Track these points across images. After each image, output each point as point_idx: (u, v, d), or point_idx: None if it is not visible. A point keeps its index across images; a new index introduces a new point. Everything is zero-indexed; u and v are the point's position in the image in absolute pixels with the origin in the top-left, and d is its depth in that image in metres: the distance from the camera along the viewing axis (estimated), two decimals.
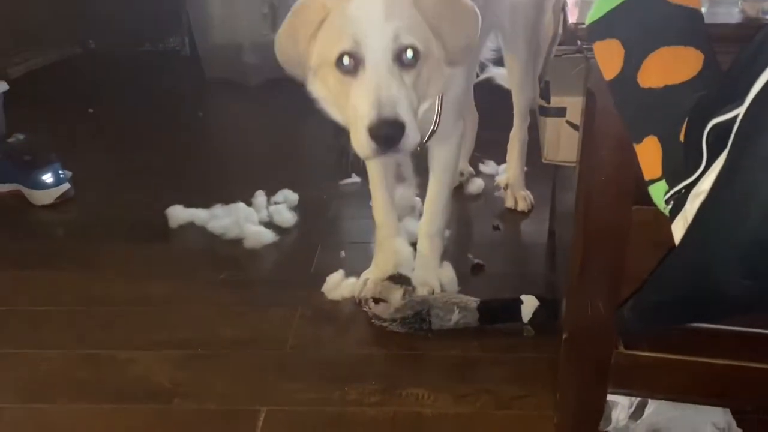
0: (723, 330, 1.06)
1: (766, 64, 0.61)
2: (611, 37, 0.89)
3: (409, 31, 1.21)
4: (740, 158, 0.65)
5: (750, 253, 0.65)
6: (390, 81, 1.18)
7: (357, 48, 1.20)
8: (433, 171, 1.62)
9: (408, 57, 1.22)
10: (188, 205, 2.14)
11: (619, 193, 1.04)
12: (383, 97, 1.17)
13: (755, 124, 0.63)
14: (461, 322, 1.54)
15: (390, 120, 1.16)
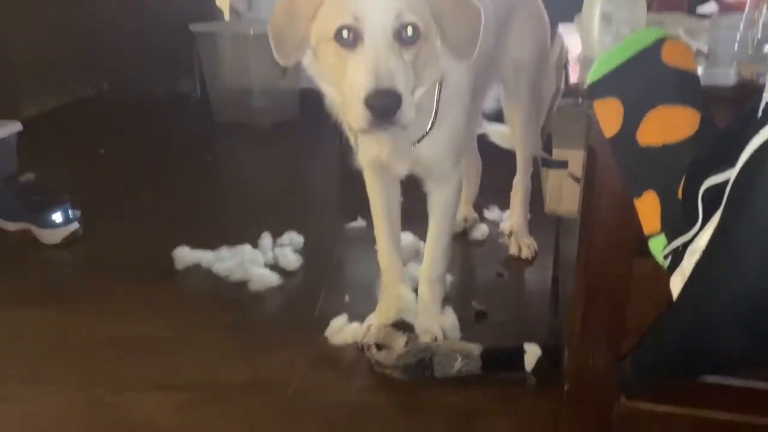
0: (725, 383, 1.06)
1: (755, 131, 0.64)
2: (611, 96, 0.93)
3: (411, 9, 1.21)
4: (732, 220, 0.67)
5: (744, 311, 0.67)
6: (389, 55, 1.18)
7: (357, 22, 1.19)
8: (432, 215, 1.64)
9: (408, 34, 1.21)
10: (195, 247, 2.16)
11: (619, 245, 1.06)
12: (381, 69, 1.16)
13: (745, 189, 0.65)
14: (464, 370, 1.54)
15: (387, 90, 1.16)
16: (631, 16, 1.17)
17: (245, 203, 2.74)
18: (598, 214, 1.07)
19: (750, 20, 0.98)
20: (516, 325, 1.79)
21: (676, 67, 0.90)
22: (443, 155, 1.50)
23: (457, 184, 1.62)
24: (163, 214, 2.55)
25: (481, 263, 2.18)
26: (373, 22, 1.19)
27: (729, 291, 0.67)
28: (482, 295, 1.91)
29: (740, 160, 0.66)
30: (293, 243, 2.22)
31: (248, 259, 2.09)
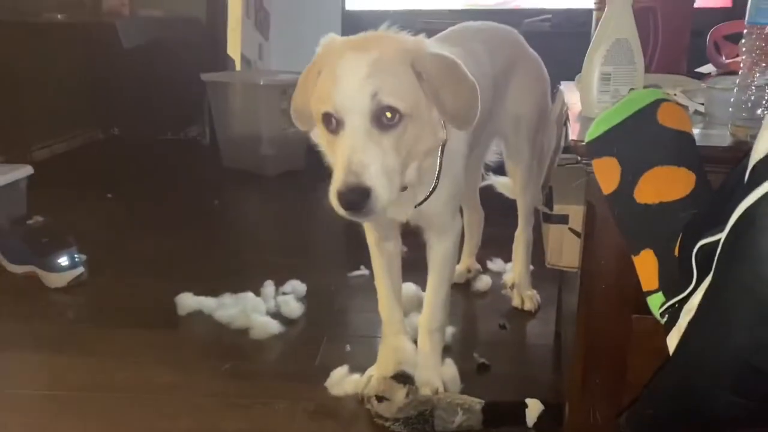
0: None
1: (744, 196, 0.65)
2: (608, 155, 0.95)
3: (391, 91, 1.21)
4: (721, 281, 0.68)
5: (736, 371, 0.67)
6: (365, 145, 1.20)
7: (337, 110, 1.22)
8: (432, 266, 1.65)
9: (388, 117, 1.22)
10: (198, 293, 2.16)
11: (619, 301, 1.07)
12: (354, 164, 1.18)
13: (732, 253, 0.67)
14: (465, 425, 1.52)
15: (355, 187, 1.17)
16: (629, 76, 1.21)
17: (249, 250, 2.75)
18: (598, 270, 1.08)
19: (743, 84, 1.00)
20: (518, 379, 1.77)
21: (671, 128, 0.92)
22: (442, 210, 1.52)
23: (456, 235, 1.63)
24: (167, 260, 2.57)
25: (483, 315, 2.17)
26: (351, 110, 1.21)
27: (719, 350, 0.68)
28: (484, 347, 1.90)
29: (729, 223, 0.67)
30: (296, 291, 2.23)
31: (250, 307, 2.09)
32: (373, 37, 1.33)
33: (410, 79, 1.26)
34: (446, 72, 1.29)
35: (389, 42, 1.30)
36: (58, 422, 1.59)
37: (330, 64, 1.26)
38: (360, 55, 1.23)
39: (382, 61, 1.23)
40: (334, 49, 1.29)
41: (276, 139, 3.72)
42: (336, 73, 1.23)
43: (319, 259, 2.66)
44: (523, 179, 2.02)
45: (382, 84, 1.21)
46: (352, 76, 1.21)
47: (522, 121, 1.93)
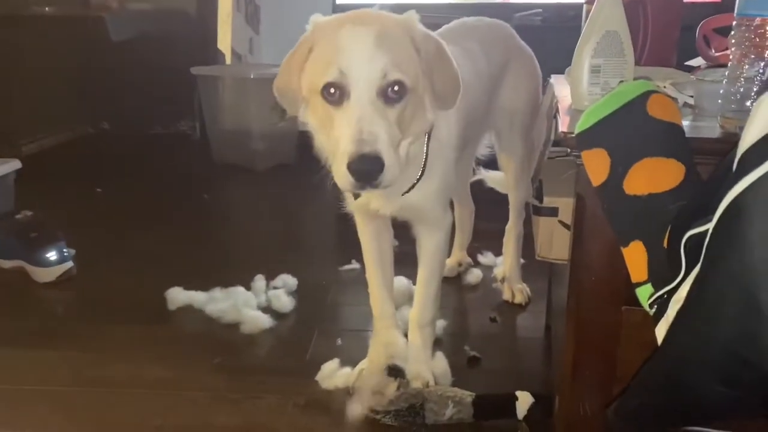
0: None
1: (731, 185, 0.65)
2: (598, 147, 0.95)
3: (398, 65, 1.20)
4: (709, 273, 0.69)
5: (723, 361, 0.68)
6: (372, 116, 1.18)
7: (342, 79, 1.19)
8: (422, 260, 1.64)
9: (394, 91, 1.21)
10: (188, 288, 2.16)
11: (608, 293, 1.07)
12: (364, 133, 1.16)
13: (720, 243, 0.67)
14: (455, 417, 1.53)
15: (369, 156, 1.15)
16: (619, 68, 1.21)
17: (240, 244, 2.75)
18: (588, 262, 1.08)
19: (733, 76, 1.01)
20: (508, 372, 1.78)
21: (661, 120, 0.93)
22: (432, 203, 1.51)
23: (447, 230, 1.62)
24: (158, 254, 2.56)
25: (474, 308, 2.18)
26: (359, 80, 1.19)
27: (707, 341, 0.68)
28: (475, 340, 1.90)
29: (717, 213, 0.67)
30: (287, 285, 2.22)
31: (241, 301, 2.08)
32: (366, 13, 1.31)
33: (412, 53, 1.26)
34: (437, 52, 1.31)
35: (385, 17, 1.29)
36: (47, 418, 1.58)
37: (327, 37, 1.24)
38: (362, 27, 1.22)
39: (386, 33, 1.22)
40: (328, 25, 1.27)
41: (266, 133, 3.70)
42: (339, 44, 1.20)
43: (310, 253, 2.66)
44: (516, 173, 2.02)
45: (392, 57, 1.19)
46: (360, 46, 1.19)
47: (516, 116, 1.93)
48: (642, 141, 0.92)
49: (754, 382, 0.67)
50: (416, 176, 1.43)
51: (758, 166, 0.63)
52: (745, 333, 0.65)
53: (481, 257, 2.44)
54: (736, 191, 0.64)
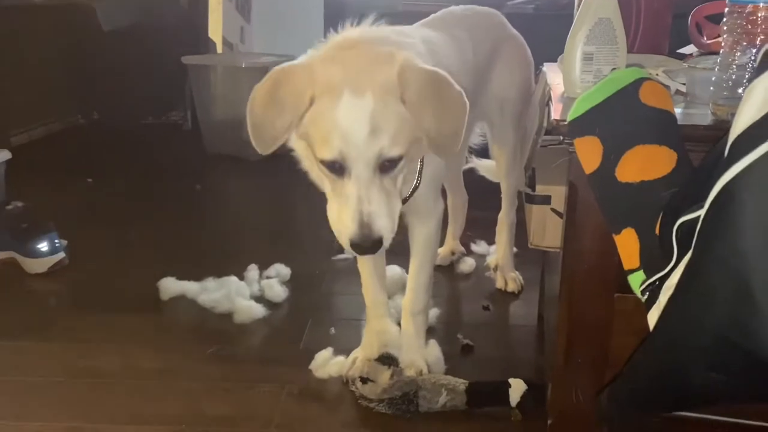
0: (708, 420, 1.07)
1: (723, 171, 0.66)
2: (590, 135, 0.95)
3: (394, 140, 1.20)
4: (700, 259, 0.69)
5: (714, 347, 0.68)
6: (371, 193, 1.21)
7: (342, 159, 1.20)
8: (414, 249, 1.64)
9: (390, 164, 1.22)
10: (181, 278, 2.15)
11: (601, 281, 1.08)
12: (364, 214, 1.20)
13: (712, 229, 0.67)
14: (449, 405, 1.53)
15: (369, 238, 1.21)
16: (611, 56, 1.20)
17: (233, 234, 2.74)
18: (580, 249, 1.09)
19: (725, 63, 1.01)
20: (501, 360, 1.78)
21: (653, 107, 0.93)
22: (424, 195, 1.52)
23: (438, 219, 1.62)
24: (150, 244, 2.55)
25: (467, 296, 2.18)
26: (358, 161, 1.20)
27: (698, 326, 0.69)
28: (468, 329, 1.91)
29: (708, 200, 0.68)
30: (280, 275, 2.22)
31: (234, 291, 2.08)
32: (357, 58, 1.25)
33: (403, 116, 1.21)
34: (434, 92, 1.24)
35: (375, 68, 1.22)
36: (41, 409, 1.57)
37: (326, 101, 1.20)
38: (358, 101, 1.18)
39: (379, 108, 1.18)
40: (328, 85, 1.21)
41: None
42: (339, 122, 1.19)
43: (303, 242, 2.65)
44: (508, 162, 2.02)
45: (388, 135, 1.19)
46: (358, 128, 1.18)
47: (507, 104, 1.93)
48: (634, 128, 0.92)
49: (745, 367, 0.67)
50: (412, 187, 1.45)
51: (750, 151, 0.64)
52: (737, 318, 0.65)
53: (474, 246, 2.44)
54: (728, 177, 0.65)
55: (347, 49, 1.28)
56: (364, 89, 1.18)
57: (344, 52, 1.27)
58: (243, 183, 3.50)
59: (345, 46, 1.29)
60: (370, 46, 1.29)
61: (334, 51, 1.29)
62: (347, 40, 1.32)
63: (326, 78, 1.21)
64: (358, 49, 1.28)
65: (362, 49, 1.28)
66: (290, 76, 1.24)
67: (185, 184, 3.32)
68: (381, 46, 1.29)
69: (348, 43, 1.31)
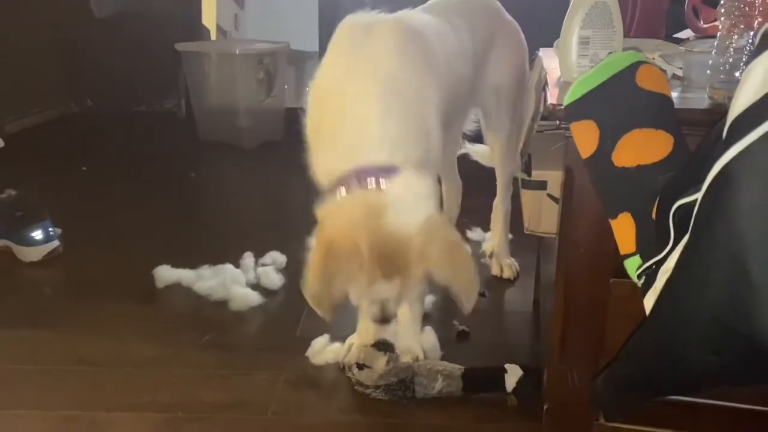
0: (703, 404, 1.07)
1: (721, 153, 0.65)
2: (587, 118, 0.94)
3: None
4: (698, 241, 0.69)
5: (711, 330, 0.68)
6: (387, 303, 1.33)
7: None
8: None
9: None
10: (176, 266, 2.14)
11: (597, 266, 1.07)
12: (382, 315, 1.35)
13: (709, 211, 0.67)
14: (445, 391, 1.54)
15: (387, 320, 1.37)
16: (608, 40, 1.20)
17: (228, 222, 2.73)
18: (576, 235, 1.08)
19: (722, 46, 1.00)
20: (497, 345, 1.79)
21: (650, 91, 0.92)
22: None
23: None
24: (145, 232, 2.54)
25: None
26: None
27: (696, 310, 0.68)
28: (464, 315, 1.90)
29: (705, 182, 0.67)
30: (276, 262, 2.22)
31: (230, 278, 2.07)
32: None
33: (422, 280, 1.29)
34: (451, 259, 1.27)
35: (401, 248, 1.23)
36: (36, 396, 1.57)
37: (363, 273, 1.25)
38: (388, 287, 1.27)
39: (404, 285, 1.27)
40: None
41: (253, 110, 3.67)
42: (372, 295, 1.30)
43: (299, 230, 2.63)
44: (503, 148, 2.02)
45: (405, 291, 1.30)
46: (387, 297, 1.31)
47: (502, 91, 1.92)
48: (631, 112, 0.91)
49: (742, 350, 0.67)
50: None
51: (748, 133, 0.63)
52: (734, 301, 0.65)
53: (469, 233, 2.44)
54: (726, 159, 0.64)
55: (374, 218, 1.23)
56: (393, 275, 1.24)
57: (371, 223, 1.23)
58: (238, 170, 3.49)
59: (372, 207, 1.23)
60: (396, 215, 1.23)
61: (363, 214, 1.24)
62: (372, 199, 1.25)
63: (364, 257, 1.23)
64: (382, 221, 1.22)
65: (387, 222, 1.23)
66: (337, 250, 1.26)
67: (180, 172, 3.31)
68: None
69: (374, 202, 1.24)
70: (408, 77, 1.37)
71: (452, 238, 1.26)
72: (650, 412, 1.07)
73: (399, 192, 1.22)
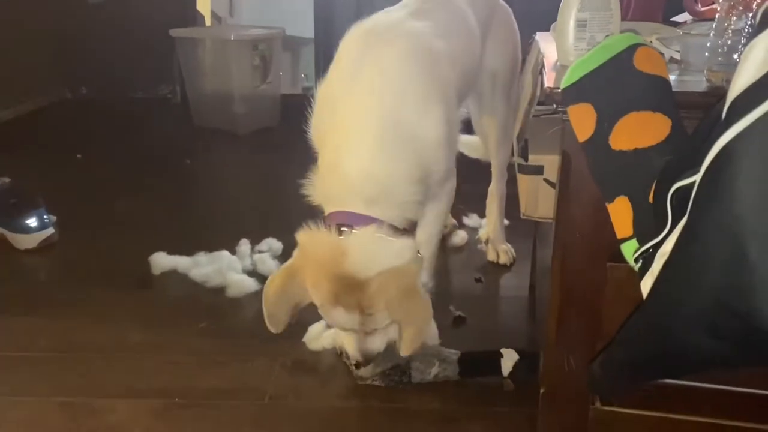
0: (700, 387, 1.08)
1: (720, 134, 0.64)
2: (584, 102, 0.93)
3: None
4: (697, 223, 0.68)
5: (710, 312, 0.68)
6: (365, 342, 1.42)
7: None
8: (421, 223, 1.62)
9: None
10: (171, 252, 2.14)
11: (594, 250, 1.07)
12: (362, 351, 1.43)
13: (708, 193, 0.66)
14: (441, 375, 1.54)
15: (367, 358, 1.44)
16: (605, 23, 1.19)
17: (224, 209, 2.72)
18: (573, 219, 1.08)
19: (720, 28, 0.99)
20: (493, 330, 1.79)
21: (648, 74, 0.91)
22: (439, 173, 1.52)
23: (448, 196, 1.63)
24: (140, 219, 2.53)
25: (459, 269, 2.18)
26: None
27: (694, 292, 0.68)
28: (460, 301, 1.91)
29: (704, 163, 0.67)
30: (272, 249, 2.21)
31: (226, 265, 2.07)
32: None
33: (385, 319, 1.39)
34: (407, 305, 1.38)
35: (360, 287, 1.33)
36: (33, 383, 1.57)
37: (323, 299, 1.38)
38: (348, 317, 1.37)
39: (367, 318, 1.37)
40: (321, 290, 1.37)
41: (248, 96, 3.65)
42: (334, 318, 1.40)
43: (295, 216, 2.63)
44: (498, 134, 2.01)
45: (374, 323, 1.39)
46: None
47: (498, 76, 1.91)
48: (628, 95, 0.90)
49: (740, 332, 0.67)
50: None
51: (749, 112, 0.62)
52: (732, 283, 0.65)
53: (465, 219, 2.44)
54: (726, 139, 0.64)
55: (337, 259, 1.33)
56: (352, 308, 1.35)
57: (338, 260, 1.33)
58: (233, 157, 3.48)
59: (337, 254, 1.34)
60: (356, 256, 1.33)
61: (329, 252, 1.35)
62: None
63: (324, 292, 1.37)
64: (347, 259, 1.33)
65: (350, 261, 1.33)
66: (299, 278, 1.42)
67: (175, 159, 3.29)
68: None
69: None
70: (412, 99, 1.41)
71: (411, 286, 1.36)
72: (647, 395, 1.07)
73: (366, 241, 1.33)
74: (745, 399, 1.06)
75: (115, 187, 2.89)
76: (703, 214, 0.67)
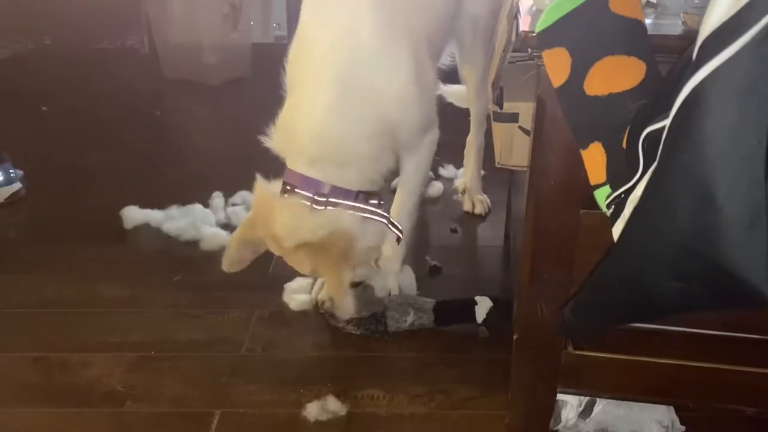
0: (667, 330, 1.10)
1: (691, 75, 0.64)
2: (559, 46, 0.92)
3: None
4: (665, 167, 0.68)
5: (677, 256, 0.68)
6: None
7: None
8: (402, 176, 1.62)
9: None
10: (144, 206, 2.11)
11: (567, 197, 1.07)
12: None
13: (677, 136, 0.66)
14: (416, 324, 1.56)
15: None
16: None
17: (196, 161, 2.68)
18: (547, 166, 1.07)
19: None
20: (468, 279, 1.81)
21: (623, 16, 0.89)
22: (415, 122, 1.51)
23: (429, 147, 1.60)
24: (111, 173, 2.48)
25: (435, 220, 2.19)
26: None
27: (662, 235, 0.68)
28: (436, 251, 1.92)
29: (674, 106, 0.66)
30: (246, 202, 2.19)
31: (199, 219, 2.05)
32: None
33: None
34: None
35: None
36: (6, 339, 1.56)
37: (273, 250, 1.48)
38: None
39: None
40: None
41: (218, 45, 3.55)
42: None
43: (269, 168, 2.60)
44: (477, 83, 1.99)
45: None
46: None
47: (479, 22, 1.87)
48: (603, 38, 0.89)
49: (707, 275, 0.68)
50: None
51: (719, 53, 0.61)
52: (700, 226, 0.65)
53: (442, 170, 2.44)
54: (696, 80, 0.63)
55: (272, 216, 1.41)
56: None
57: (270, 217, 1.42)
58: (204, 108, 3.40)
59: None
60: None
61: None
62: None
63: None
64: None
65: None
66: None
67: (144, 111, 3.22)
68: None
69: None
70: (370, 51, 1.37)
71: (331, 261, 1.37)
72: (617, 339, 1.09)
73: (286, 213, 1.39)
74: (710, 341, 1.09)
75: (83, 140, 2.83)
76: (672, 156, 0.66)
